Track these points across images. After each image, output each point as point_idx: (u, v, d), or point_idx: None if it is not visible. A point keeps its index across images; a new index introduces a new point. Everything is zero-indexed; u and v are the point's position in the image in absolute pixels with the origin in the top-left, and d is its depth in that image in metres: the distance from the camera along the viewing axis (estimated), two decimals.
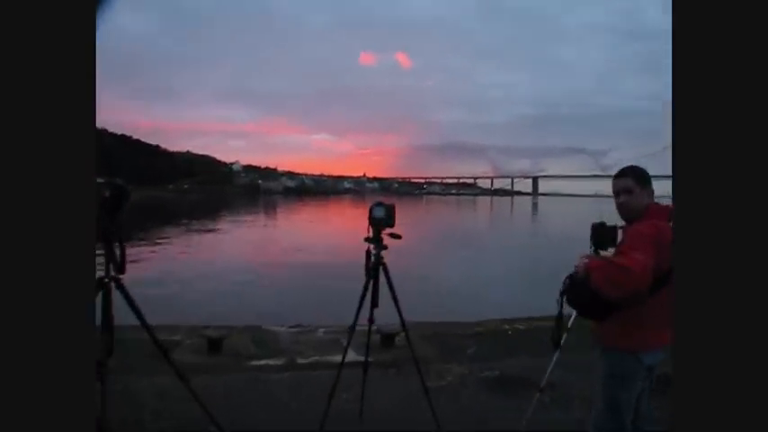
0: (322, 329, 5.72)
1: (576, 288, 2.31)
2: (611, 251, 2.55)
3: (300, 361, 4.57)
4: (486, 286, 13.39)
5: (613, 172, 2.50)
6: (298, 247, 21.76)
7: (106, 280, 2.38)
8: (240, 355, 4.61)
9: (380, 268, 3.06)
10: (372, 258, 3.05)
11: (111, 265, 2.42)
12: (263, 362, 4.51)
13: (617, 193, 2.39)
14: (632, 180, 2.36)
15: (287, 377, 4.17)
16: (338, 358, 4.89)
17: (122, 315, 2.48)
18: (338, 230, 34.38)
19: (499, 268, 17.26)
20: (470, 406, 3.86)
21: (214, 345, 4.61)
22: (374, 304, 3.10)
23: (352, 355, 4.91)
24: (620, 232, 2.59)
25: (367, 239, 3.08)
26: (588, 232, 2.88)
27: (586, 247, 2.80)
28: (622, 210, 2.40)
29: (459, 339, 5.64)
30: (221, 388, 3.87)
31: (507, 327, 6.29)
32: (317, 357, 4.70)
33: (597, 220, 2.89)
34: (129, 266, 2.49)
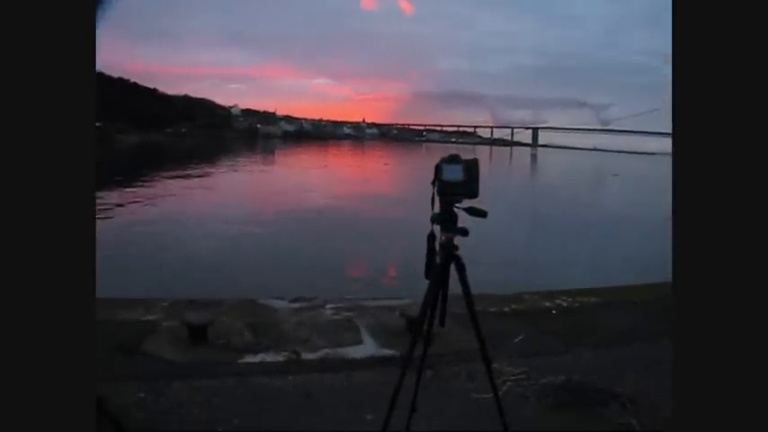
0: (330, 306, 4.71)
1: None
2: None
3: (307, 356, 3.55)
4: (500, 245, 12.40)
5: (613, 127, 1.64)
6: (299, 196, 20.60)
7: None
8: (230, 348, 3.59)
9: (452, 265, 1.83)
10: (438, 249, 1.83)
11: None
12: (258, 358, 3.49)
13: None
14: None
15: (290, 382, 3.16)
16: (353, 351, 3.98)
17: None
18: (343, 176, 33.15)
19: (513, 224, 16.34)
20: None
21: (197, 333, 3.59)
22: (440, 322, 1.93)
23: (370, 347, 3.95)
24: None
25: (434, 219, 1.82)
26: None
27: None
28: None
29: (498, 321, 4.64)
30: (202, 402, 2.87)
31: (549, 304, 5.32)
32: (327, 350, 3.69)
33: None
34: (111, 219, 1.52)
